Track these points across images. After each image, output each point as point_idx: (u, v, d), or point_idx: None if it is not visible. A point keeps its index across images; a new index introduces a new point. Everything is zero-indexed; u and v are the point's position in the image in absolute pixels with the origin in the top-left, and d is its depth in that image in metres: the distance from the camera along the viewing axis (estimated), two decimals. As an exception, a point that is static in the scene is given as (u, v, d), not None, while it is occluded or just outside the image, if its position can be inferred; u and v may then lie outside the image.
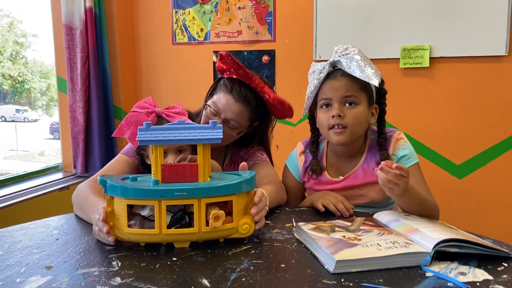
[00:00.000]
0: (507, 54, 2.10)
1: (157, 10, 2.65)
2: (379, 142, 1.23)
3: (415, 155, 1.23)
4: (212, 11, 2.55)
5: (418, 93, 2.27)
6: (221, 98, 1.25)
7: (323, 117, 1.19)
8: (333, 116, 1.15)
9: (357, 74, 1.13)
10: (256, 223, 0.91)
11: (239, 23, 2.50)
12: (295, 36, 2.43)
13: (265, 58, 2.50)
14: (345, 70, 1.16)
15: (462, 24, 2.15)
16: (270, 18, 2.46)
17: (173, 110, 1.15)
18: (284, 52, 2.47)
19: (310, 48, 2.40)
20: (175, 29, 2.63)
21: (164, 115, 1.12)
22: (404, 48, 2.23)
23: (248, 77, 1.24)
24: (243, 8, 2.50)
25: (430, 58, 2.21)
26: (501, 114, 2.16)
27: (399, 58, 2.25)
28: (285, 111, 1.30)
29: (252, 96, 1.25)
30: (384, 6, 2.26)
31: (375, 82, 1.11)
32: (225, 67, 1.28)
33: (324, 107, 1.20)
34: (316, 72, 1.20)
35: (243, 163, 1.00)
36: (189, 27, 2.60)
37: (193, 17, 2.59)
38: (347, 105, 1.16)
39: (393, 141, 1.23)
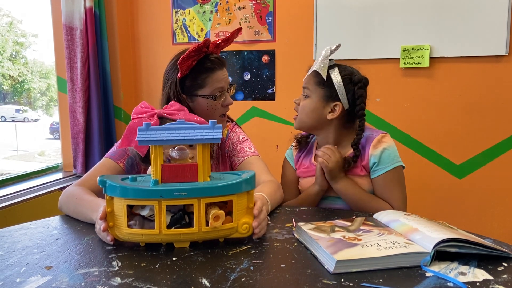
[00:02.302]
0: (507, 54, 2.10)
1: (157, 10, 2.65)
2: (351, 143, 1.26)
3: (394, 160, 1.24)
4: (212, 11, 2.55)
5: (418, 93, 2.27)
6: (217, 77, 1.27)
7: None
8: (295, 102, 1.34)
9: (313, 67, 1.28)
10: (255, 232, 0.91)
11: (239, 23, 2.50)
12: (295, 36, 2.43)
13: (265, 58, 2.50)
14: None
15: (462, 24, 2.15)
16: (270, 18, 2.46)
17: (172, 108, 1.14)
18: (284, 52, 2.47)
19: (310, 48, 2.40)
20: (175, 29, 2.63)
21: (165, 114, 1.12)
22: (404, 48, 2.23)
23: (205, 49, 1.27)
24: (243, 8, 2.50)
25: (430, 58, 2.21)
26: (501, 114, 2.16)
27: (399, 58, 2.25)
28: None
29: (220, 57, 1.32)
30: (384, 6, 2.26)
31: (313, 68, 1.27)
32: (186, 64, 1.25)
33: None
34: None
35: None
36: (189, 27, 2.60)
37: (193, 17, 2.59)
38: (304, 96, 1.31)
39: (374, 142, 1.25)
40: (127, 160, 1.23)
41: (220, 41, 1.32)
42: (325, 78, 1.24)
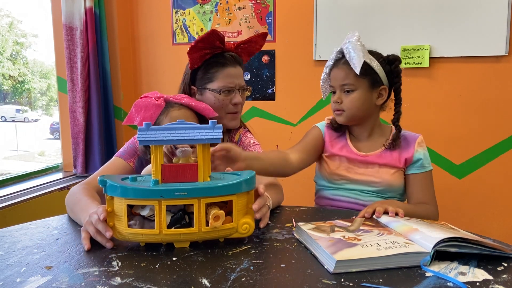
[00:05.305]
0: (507, 54, 2.10)
1: (157, 10, 2.65)
2: (392, 120, 1.31)
3: (429, 162, 1.29)
4: (212, 11, 2.55)
5: (418, 93, 2.27)
6: (227, 73, 1.27)
7: (331, 102, 1.31)
8: (336, 102, 1.29)
9: (352, 62, 1.22)
10: (257, 220, 0.91)
11: (239, 23, 2.50)
12: (295, 36, 2.43)
13: (265, 58, 2.50)
14: (346, 57, 1.25)
15: (462, 24, 2.15)
16: (270, 18, 2.46)
17: (179, 96, 1.17)
18: (284, 52, 2.47)
19: (310, 48, 2.39)
20: (175, 29, 2.63)
21: (171, 98, 1.14)
22: (404, 48, 2.23)
23: (219, 44, 1.27)
24: (243, 8, 2.50)
25: (430, 58, 2.21)
26: (501, 114, 2.16)
27: (399, 58, 2.25)
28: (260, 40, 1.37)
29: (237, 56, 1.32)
30: (384, 6, 2.26)
31: (356, 70, 1.21)
32: (195, 55, 1.27)
33: (332, 93, 1.32)
34: (329, 59, 1.31)
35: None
36: (189, 27, 2.60)
37: (193, 17, 2.59)
38: (344, 92, 1.27)
39: (419, 140, 1.31)
40: (137, 160, 1.25)
41: (240, 42, 1.33)
42: (373, 66, 1.24)
